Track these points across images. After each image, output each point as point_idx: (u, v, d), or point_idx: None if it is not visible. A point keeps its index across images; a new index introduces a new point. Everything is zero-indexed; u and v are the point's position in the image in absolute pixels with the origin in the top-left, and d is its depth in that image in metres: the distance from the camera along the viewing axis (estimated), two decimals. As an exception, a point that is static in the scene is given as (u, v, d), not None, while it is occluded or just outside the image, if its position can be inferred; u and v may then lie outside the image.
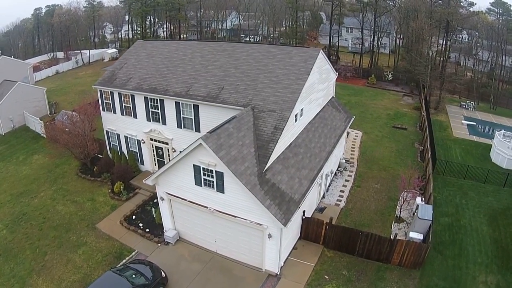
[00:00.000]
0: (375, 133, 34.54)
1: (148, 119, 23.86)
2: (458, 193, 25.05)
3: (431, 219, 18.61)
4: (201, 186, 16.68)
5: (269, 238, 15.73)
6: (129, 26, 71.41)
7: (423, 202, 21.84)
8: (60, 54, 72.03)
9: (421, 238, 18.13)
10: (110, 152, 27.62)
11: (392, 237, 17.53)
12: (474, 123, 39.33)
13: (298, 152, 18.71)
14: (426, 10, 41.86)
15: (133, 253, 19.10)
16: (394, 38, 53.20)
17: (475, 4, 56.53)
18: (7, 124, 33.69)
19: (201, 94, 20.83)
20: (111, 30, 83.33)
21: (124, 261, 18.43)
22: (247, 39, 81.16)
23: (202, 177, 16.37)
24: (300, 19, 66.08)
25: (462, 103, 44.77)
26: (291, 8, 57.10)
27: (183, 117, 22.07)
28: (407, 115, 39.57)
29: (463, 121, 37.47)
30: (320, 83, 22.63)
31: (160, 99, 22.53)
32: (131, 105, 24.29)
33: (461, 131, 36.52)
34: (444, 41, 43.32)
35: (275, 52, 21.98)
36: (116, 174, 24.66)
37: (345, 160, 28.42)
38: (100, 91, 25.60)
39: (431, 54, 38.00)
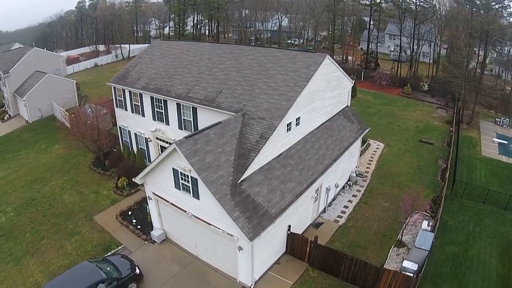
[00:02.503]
0: (399, 146, 32.19)
1: (154, 119, 24.19)
2: (473, 219, 22.53)
3: (428, 249, 16.71)
4: (180, 190, 16.57)
5: (239, 250, 15.07)
6: (169, 23, 73.45)
7: (429, 228, 19.82)
8: (102, 47, 74.95)
9: (415, 269, 16.35)
10: (122, 148, 28.49)
11: (380, 265, 15.99)
12: (506, 142, 35.00)
13: (288, 164, 17.76)
14: (462, 18, 38.26)
15: (120, 247, 19.56)
16: (436, 47, 49.33)
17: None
18: (35, 113, 36.18)
19: (199, 97, 20.63)
20: (156, 26, 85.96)
21: (109, 253, 18.94)
22: (289, 41, 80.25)
23: (180, 181, 16.24)
24: (345, 23, 64.18)
25: (497, 119, 40.36)
26: (328, 11, 55.28)
27: (183, 118, 22.06)
28: (437, 129, 36.43)
29: (494, 139, 33.68)
30: (327, 91, 21.38)
31: (164, 100, 22.71)
32: (139, 104, 24.79)
33: (490, 150, 32.85)
34: (483, 52, 39.25)
35: (280, 56, 21.14)
36: (122, 170, 25.34)
37: (358, 174, 26.78)
38: (114, 88, 26.46)
39: (465, 64, 34.53)
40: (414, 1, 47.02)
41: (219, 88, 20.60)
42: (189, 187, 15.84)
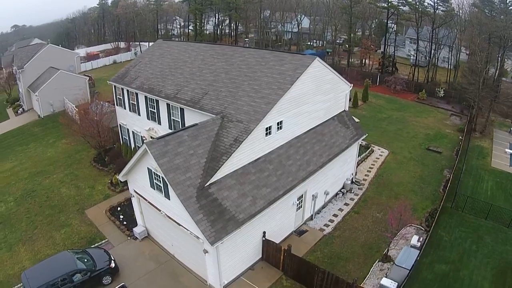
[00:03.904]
0: (404, 154, 30.82)
1: (148, 118, 24.48)
2: (471, 236, 21.03)
3: (409, 268, 15.75)
4: (154, 189, 16.67)
5: (205, 253, 14.86)
6: (188, 22, 74.19)
7: (419, 243, 18.77)
8: (123, 45, 76.26)
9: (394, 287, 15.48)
10: (122, 145, 29.05)
11: (353, 281, 15.23)
12: (519, 153, 32.46)
13: (265, 169, 17.34)
14: (478, 22, 36.03)
15: (103, 241, 20.11)
16: (456, 52, 46.86)
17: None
18: (47, 108, 37.62)
19: (186, 98, 20.62)
20: (180, 25, 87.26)
21: (93, 246, 19.46)
22: (309, 43, 79.25)
23: (154, 181, 16.31)
24: (365, 27, 62.51)
25: (511, 128, 37.69)
26: (346, 14, 53.93)
27: (173, 119, 22.16)
28: (448, 137, 34.56)
29: (507, 150, 31.43)
30: (318, 95, 20.70)
31: (156, 100, 22.91)
32: (136, 103, 25.16)
33: (501, 161, 30.64)
34: (500, 58, 36.81)
35: (269, 58, 20.76)
36: (118, 166, 25.77)
37: (355, 181, 25.87)
38: (114, 86, 27.02)
39: (480, 70, 32.48)
40: (433, 4, 45.02)
41: (206, 89, 20.50)
42: (161, 187, 15.87)
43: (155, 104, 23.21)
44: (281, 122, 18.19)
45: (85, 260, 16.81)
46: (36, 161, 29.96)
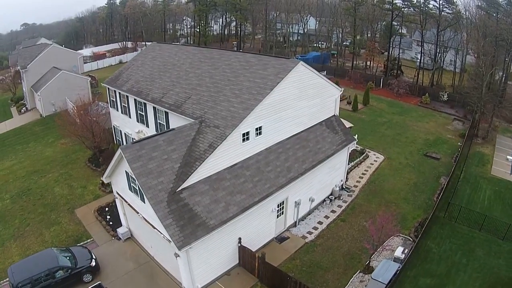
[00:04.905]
0: (400, 159, 30.16)
1: (137, 120, 24.71)
2: (462, 249, 20.28)
3: (386, 282, 15.33)
4: (132, 192, 16.85)
5: (176, 257, 14.89)
6: (194, 23, 74.57)
7: (403, 255, 18.29)
8: (130, 45, 76.68)
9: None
10: (115, 146, 29.38)
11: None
12: (521, 161, 31.22)
13: (241, 175, 17.22)
14: (482, 24, 34.83)
15: (89, 240, 20.57)
16: (462, 55, 45.56)
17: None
18: (49, 108, 38.42)
19: (170, 102, 20.72)
20: (187, 25, 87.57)
21: (79, 245, 19.92)
22: (315, 44, 78.64)
23: (131, 184, 16.48)
24: (372, 29, 61.53)
25: (515, 134, 36.33)
26: (349, 16, 53.18)
27: (159, 122, 22.28)
28: (448, 143, 33.60)
29: (509, 157, 30.25)
30: (302, 100, 20.41)
31: (144, 103, 23.09)
32: (127, 105, 25.43)
33: (502, 169, 29.51)
34: (506, 62, 35.50)
35: (254, 62, 20.62)
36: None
37: (345, 188, 25.46)
38: (108, 88, 27.39)
39: (482, 74, 31.41)
40: (438, 6, 43.87)
41: (189, 93, 20.54)
42: (137, 190, 15.99)
43: (143, 107, 23.41)
44: (260, 127, 18.03)
45: (67, 257, 17.44)
46: (34, 160, 30.64)
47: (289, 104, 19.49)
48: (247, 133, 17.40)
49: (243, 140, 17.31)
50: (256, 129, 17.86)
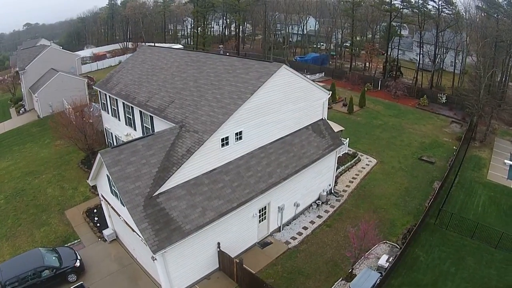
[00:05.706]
0: (393, 163, 29.83)
1: (126, 123, 24.87)
2: (452, 257, 19.80)
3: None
4: (113, 195, 17.01)
5: (153, 260, 14.95)
6: (194, 24, 74.68)
7: (387, 263, 18.05)
8: (130, 45, 76.73)
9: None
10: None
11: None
12: (518, 165, 30.59)
13: (220, 180, 17.20)
14: (481, 25, 34.22)
15: (76, 241, 20.89)
16: (462, 56, 44.89)
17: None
18: (46, 109, 38.87)
19: (154, 106, 20.80)
20: (187, 26, 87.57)
21: (66, 245, 20.21)
22: (315, 45, 78.29)
23: (112, 187, 16.61)
24: (373, 30, 61.11)
25: (514, 137, 35.60)
26: (347, 16, 52.77)
27: (144, 125, 22.39)
28: (444, 146, 33.11)
29: (506, 161, 29.68)
30: (286, 103, 20.25)
31: (131, 106, 23.22)
32: (116, 108, 25.61)
33: (498, 173, 28.90)
34: (505, 63, 34.84)
35: (238, 66, 20.59)
36: (99, 170, 26.37)
37: (334, 193, 25.26)
38: (99, 91, 27.61)
39: (480, 75, 30.86)
40: (437, 6, 43.31)
41: (173, 97, 20.60)
42: (117, 193, 16.09)
43: (131, 111, 23.54)
44: (240, 132, 17.98)
45: (53, 258, 17.72)
46: (29, 161, 31.04)
47: (272, 108, 19.40)
48: (227, 138, 17.36)
49: (222, 145, 17.28)
50: (236, 134, 17.80)
